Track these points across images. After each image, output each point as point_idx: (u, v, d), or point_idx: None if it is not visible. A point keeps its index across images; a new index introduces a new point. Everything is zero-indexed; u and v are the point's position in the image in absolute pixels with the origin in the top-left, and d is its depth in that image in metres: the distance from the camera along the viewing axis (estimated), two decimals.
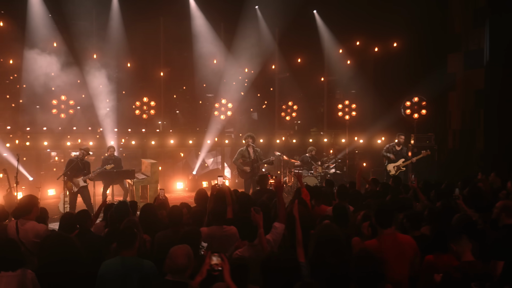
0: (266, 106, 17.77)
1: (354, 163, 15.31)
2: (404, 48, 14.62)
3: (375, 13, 14.09)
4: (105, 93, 13.26)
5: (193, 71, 15.67)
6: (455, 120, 14.64)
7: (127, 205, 5.59)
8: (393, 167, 12.32)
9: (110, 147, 11.43)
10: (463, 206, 5.63)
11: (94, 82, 13.20)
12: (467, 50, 14.03)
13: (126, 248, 4.13)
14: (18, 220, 5.26)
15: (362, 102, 15.05)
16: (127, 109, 13.72)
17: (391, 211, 4.44)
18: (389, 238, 4.28)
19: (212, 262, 3.17)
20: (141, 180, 11.14)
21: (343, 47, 15.66)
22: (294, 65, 16.19)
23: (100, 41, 13.64)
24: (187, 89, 17.99)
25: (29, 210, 5.29)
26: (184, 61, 15.84)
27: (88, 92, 13.29)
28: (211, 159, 16.47)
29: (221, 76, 15.64)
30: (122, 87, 13.57)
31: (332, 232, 4.07)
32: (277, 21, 14.58)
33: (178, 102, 17.66)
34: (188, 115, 17.58)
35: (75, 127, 13.84)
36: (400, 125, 13.67)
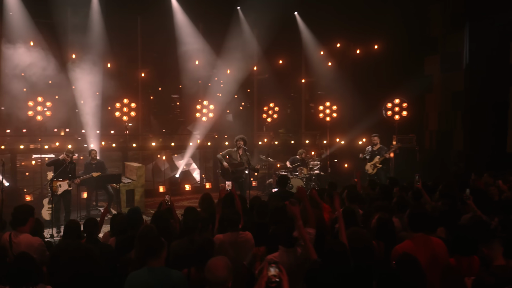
0: (243, 107, 17.68)
1: (336, 164, 15.41)
2: (385, 50, 14.83)
3: (356, 16, 14.23)
4: (85, 94, 12.80)
5: (171, 72, 15.42)
6: (432, 121, 14.97)
7: (140, 212, 5.36)
8: (370, 166, 12.50)
9: (92, 151, 11.03)
10: (474, 207, 5.68)
11: (73, 83, 12.75)
12: (444, 53, 14.37)
13: (154, 258, 3.90)
14: (12, 232, 4.92)
15: (343, 103, 15.18)
16: (108, 110, 13.32)
17: (425, 214, 4.43)
18: (421, 241, 4.26)
19: (269, 273, 3.05)
20: (127, 184, 10.82)
21: (324, 49, 15.75)
22: (275, 67, 16.16)
23: (79, 41, 13.15)
24: (165, 90, 17.71)
25: (24, 221, 4.95)
26: (163, 62, 15.57)
27: (67, 93, 12.83)
28: (181, 161, 16.25)
29: (201, 77, 15.48)
30: (102, 88, 13.13)
31: (363, 236, 4.09)
32: (258, 22, 14.50)
33: (154, 104, 17.36)
34: (162, 117, 17.35)
35: (54, 129, 13.34)
36: (382, 126, 13.83)
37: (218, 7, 14.23)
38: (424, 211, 4.48)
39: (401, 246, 4.26)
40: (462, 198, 5.93)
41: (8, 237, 4.79)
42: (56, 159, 9.65)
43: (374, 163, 12.36)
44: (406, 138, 13.46)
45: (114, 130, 14.52)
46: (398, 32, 14.01)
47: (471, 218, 5.33)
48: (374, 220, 5.25)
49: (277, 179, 8.40)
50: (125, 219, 5.35)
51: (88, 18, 13.32)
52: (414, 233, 4.35)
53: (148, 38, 15.02)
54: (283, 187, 7.97)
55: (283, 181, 8.09)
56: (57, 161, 9.57)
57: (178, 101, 18.38)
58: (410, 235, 4.38)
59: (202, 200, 6.69)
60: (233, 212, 5.33)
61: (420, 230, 4.34)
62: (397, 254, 4.17)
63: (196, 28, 14.70)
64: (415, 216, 4.36)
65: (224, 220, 5.26)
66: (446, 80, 14.29)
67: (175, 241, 4.93)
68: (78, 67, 12.75)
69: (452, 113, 14.22)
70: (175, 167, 15.83)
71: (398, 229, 5.36)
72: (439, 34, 14.48)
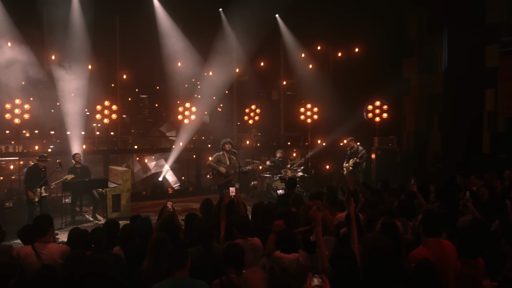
0: (221, 109, 17.61)
1: (318, 165, 15.56)
2: (365, 53, 15.05)
3: (337, 20, 14.42)
4: (66, 96, 12.49)
5: (149, 73, 15.24)
6: (409, 122, 15.31)
7: (150, 222, 5.25)
8: (344, 167, 12.78)
9: (76, 154, 10.76)
10: (473, 209, 5.84)
11: (52, 84, 12.43)
12: (421, 56, 14.73)
13: (178, 268, 3.83)
14: (34, 244, 4.77)
15: (324, 105, 15.35)
16: (91, 113, 13.06)
17: (439, 219, 4.53)
18: (435, 246, 4.36)
19: (313, 283, 3.04)
20: (113, 188, 10.60)
21: (305, 52, 15.87)
22: (257, 69, 16.18)
23: (59, 41, 12.82)
24: (142, 91, 17.51)
25: (46, 231, 4.83)
26: (142, 63, 15.36)
27: (45, 95, 12.49)
28: (153, 162, 16.09)
29: (182, 79, 15.35)
30: (83, 90, 12.83)
31: (385, 242, 4.16)
32: (241, 24, 14.46)
33: (129, 106, 17.15)
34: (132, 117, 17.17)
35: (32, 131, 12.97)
36: (363, 128, 14.08)
37: (201, 9, 14.13)
38: (438, 217, 4.57)
39: (417, 252, 4.35)
40: (461, 200, 6.07)
41: (33, 249, 4.63)
42: (30, 171, 9.30)
43: (348, 165, 12.65)
44: (386, 139, 13.72)
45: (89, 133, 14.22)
46: (378, 35, 14.24)
47: (472, 220, 5.47)
48: (378, 225, 5.34)
49: (286, 181, 8.48)
50: (133, 229, 5.25)
51: (68, 19, 12.99)
52: (427, 238, 4.43)
53: (127, 39, 14.77)
54: (291, 190, 8.01)
55: (292, 184, 8.16)
56: (31, 171, 9.24)
57: (147, 101, 18.22)
58: (409, 237, 4.45)
59: (203, 206, 6.62)
60: (242, 218, 5.31)
61: (433, 235, 4.43)
62: (414, 259, 4.26)
63: (178, 29, 14.54)
64: (429, 222, 4.44)
65: (234, 227, 5.23)
66: (423, 83, 14.63)
67: (190, 249, 4.86)
68: (59, 68, 12.42)
69: (429, 114, 14.59)
70: (147, 169, 15.64)
71: (401, 232, 5.48)
72: (416, 38, 14.83)
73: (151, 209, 12.10)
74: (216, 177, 10.40)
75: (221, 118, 16.79)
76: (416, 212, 6.41)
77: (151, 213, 11.52)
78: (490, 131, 12.70)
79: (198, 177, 15.04)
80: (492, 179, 8.90)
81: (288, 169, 13.10)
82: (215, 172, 10.38)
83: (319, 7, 14.11)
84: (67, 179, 9.76)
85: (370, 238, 4.39)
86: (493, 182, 8.72)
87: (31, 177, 9.09)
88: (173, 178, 15.65)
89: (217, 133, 15.40)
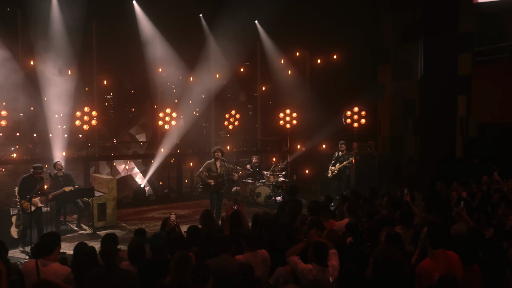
0: (198, 113, 17.58)
1: (298, 170, 15.79)
2: (343, 60, 15.37)
3: (316, 26, 14.67)
4: (49, 100, 12.26)
5: (127, 77, 15.10)
6: (384, 127, 15.72)
7: (164, 238, 5.23)
8: (330, 170, 13.08)
9: (57, 163, 10.48)
10: (467, 218, 6.11)
11: (34, 90, 12.18)
12: (395, 63, 15.16)
13: (202, 285, 3.94)
14: (38, 259, 4.77)
15: (303, 111, 15.58)
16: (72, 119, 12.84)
17: (444, 231, 4.75)
18: (441, 257, 4.56)
19: None
20: (98, 197, 10.46)
21: (284, 58, 16.06)
22: (236, 74, 16.27)
23: (37, 45, 12.54)
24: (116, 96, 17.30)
25: (52, 249, 4.81)
26: (120, 68, 15.21)
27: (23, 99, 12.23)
28: (122, 165, 15.96)
29: (159, 84, 15.30)
30: (64, 96, 12.59)
31: (396, 253, 4.34)
32: (220, 29, 14.52)
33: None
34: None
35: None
36: (342, 133, 14.36)
37: (181, 14, 14.11)
38: (444, 229, 4.79)
39: (425, 264, 4.53)
40: (456, 208, 6.32)
41: (35, 265, 4.61)
42: (24, 181, 9.02)
43: (333, 168, 12.94)
44: (365, 145, 14.04)
45: (73, 139, 13.97)
46: (355, 43, 14.58)
47: (469, 229, 5.74)
48: (382, 236, 5.50)
49: (288, 189, 8.61)
50: (142, 243, 5.24)
51: (46, 22, 12.74)
52: (434, 250, 4.62)
53: (105, 44, 14.56)
54: (292, 197, 8.13)
55: (293, 191, 8.28)
56: (26, 181, 8.99)
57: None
58: (410, 248, 4.64)
59: (204, 217, 6.65)
60: (251, 231, 5.40)
61: (440, 247, 4.63)
62: (422, 271, 4.47)
63: (158, 34, 14.46)
64: (435, 234, 4.63)
65: (243, 240, 5.30)
66: (397, 89, 15.05)
67: (208, 260, 4.91)
68: (39, 72, 12.19)
69: (404, 120, 15.03)
70: (116, 172, 15.48)
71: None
72: (391, 45, 15.25)
73: (135, 216, 12.01)
74: (206, 186, 10.43)
75: (198, 123, 16.80)
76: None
77: (136, 221, 11.47)
78: (463, 136, 13.18)
79: (179, 182, 14.97)
80: (471, 185, 9.30)
81: (270, 175, 13.23)
82: (204, 183, 10.45)
83: (298, 14, 14.31)
84: (65, 191, 9.58)
85: (380, 250, 4.55)
86: (472, 188, 9.13)
87: (24, 187, 8.80)
88: (141, 180, 15.55)
89: (194, 137, 15.45)
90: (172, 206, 13.34)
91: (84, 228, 10.46)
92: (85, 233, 10.20)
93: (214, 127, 16.92)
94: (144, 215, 12.20)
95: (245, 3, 13.33)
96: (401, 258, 4.34)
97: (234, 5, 13.33)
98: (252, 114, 17.81)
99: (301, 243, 4.97)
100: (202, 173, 10.46)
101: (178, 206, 13.16)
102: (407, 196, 7.07)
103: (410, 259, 5.19)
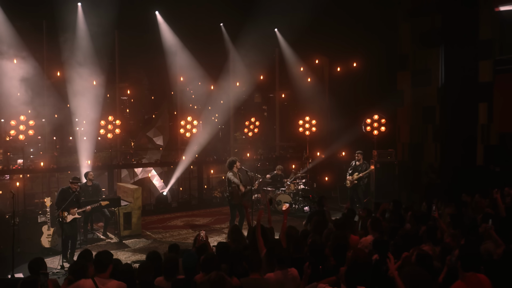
0: (217, 119, 17.74)
1: (317, 177, 15.88)
2: (362, 67, 15.41)
3: (335, 34, 14.74)
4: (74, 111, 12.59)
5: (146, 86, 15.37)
6: (403, 134, 15.71)
7: (196, 257, 5.37)
8: (348, 180, 13.15)
9: (88, 173, 10.81)
10: (495, 236, 6.04)
11: (59, 99, 12.49)
12: (414, 69, 15.14)
13: None
14: (95, 277, 4.91)
15: (322, 118, 15.67)
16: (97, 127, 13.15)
17: (478, 255, 4.81)
18: (473, 281, 4.60)
19: None
20: (124, 207, 10.70)
21: (304, 65, 16.18)
22: (256, 81, 16.44)
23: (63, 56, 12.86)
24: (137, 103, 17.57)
25: (106, 267, 4.97)
26: (141, 76, 15.50)
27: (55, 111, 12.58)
28: (140, 168, 16.15)
29: (182, 91, 15.54)
30: (89, 105, 12.89)
31: (426, 277, 4.44)
32: (241, 38, 14.70)
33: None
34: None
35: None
36: (362, 141, 14.43)
37: (202, 24, 14.31)
38: (477, 252, 4.85)
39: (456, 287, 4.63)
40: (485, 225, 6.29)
41: (94, 284, 4.77)
42: (63, 192, 9.22)
43: (352, 179, 13.00)
44: (385, 153, 14.06)
45: (97, 147, 14.26)
46: (374, 50, 14.63)
47: (505, 251, 5.65)
48: (413, 256, 5.52)
49: (317, 199, 8.77)
50: (177, 260, 5.39)
51: (74, 32, 13.04)
52: (465, 273, 4.66)
53: (127, 52, 14.81)
54: (321, 207, 8.29)
55: (322, 202, 8.42)
56: (64, 193, 9.20)
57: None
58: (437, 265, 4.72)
59: (232, 232, 6.76)
60: (284, 251, 5.49)
61: (471, 269, 4.66)
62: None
63: (180, 43, 14.68)
64: (468, 257, 4.68)
65: (275, 259, 5.37)
66: (417, 95, 15.03)
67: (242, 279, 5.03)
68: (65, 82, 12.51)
69: (423, 126, 15.01)
70: (134, 174, 15.64)
71: None
72: (410, 51, 15.24)
73: (159, 224, 12.24)
74: (236, 196, 10.22)
75: (217, 130, 17.00)
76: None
77: (160, 229, 11.69)
78: (484, 143, 13.13)
79: (200, 189, 15.17)
80: (493, 196, 9.24)
81: (291, 183, 13.36)
82: (234, 188, 10.22)
83: (316, 22, 14.39)
84: (102, 204, 9.84)
85: (409, 272, 4.63)
86: (495, 199, 9.07)
87: (63, 198, 9.04)
88: (160, 183, 15.77)
89: (214, 144, 15.66)
90: (194, 213, 13.56)
91: (111, 237, 10.72)
92: (112, 242, 10.44)
93: (233, 135, 17.11)
94: (167, 223, 12.42)
95: (265, 12, 13.52)
96: (430, 282, 4.44)
97: (254, 14, 13.51)
98: (268, 117, 17.92)
99: (333, 277, 5.03)
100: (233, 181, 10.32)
101: (200, 214, 13.37)
102: (435, 212, 7.02)
103: (437, 276, 5.25)
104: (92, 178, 10.63)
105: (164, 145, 16.65)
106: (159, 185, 15.72)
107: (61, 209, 8.73)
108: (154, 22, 14.39)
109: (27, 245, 9.90)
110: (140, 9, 13.78)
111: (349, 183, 13.11)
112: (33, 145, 13.75)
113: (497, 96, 12.34)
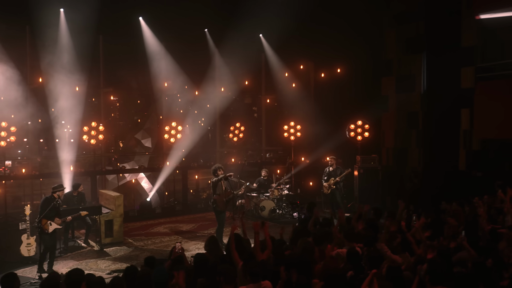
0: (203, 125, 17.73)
1: (301, 183, 15.92)
2: (347, 73, 15.48)
3: (320, 39, 14.79)
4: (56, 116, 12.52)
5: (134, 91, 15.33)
6: (388, 139, 15.80)
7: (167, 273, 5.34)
8: (325, 186, 13.19)
9: (80, 186, 10.88)
10: (468, 247, 6.16)
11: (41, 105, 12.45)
12: (399, 75, 15.23)
13: None
14: None
15: (307, 123, 15.71)
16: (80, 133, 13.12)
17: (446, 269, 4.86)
18: None
19: None
20: (106, 214, 10.65)
21: (289, 71, 16.23)
22: (241, 87, 16.46)
23: (45, 60, 12.78)
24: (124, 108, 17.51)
25: (79, 284, 4.85)
26: (126, 83, 15.48)
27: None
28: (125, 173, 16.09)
29: (166, 96, 15.52)
30: (72, 110, 12.84)
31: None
32: (225, 43, 14.70)
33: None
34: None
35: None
36: (346, 146, 14.50)
37: (186, 29, 14.28)
38: (444, 267, 4.90)
39: None
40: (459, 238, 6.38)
41: None
42: (47, 201, 9.05)
43: (329, 184, 13.06)
44: (368, 158, 14.13)
45: (80, 153, 14.20)
46: (359, 56, 14.70)
47: (472, 260, 5.74)
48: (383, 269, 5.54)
49: (307, 205, 8.77)
50: (151, 275, 5.38)
51: (56, 37, 12.97)
52: (433, 287, 4.70)
53: (111, 58, 14.76)
54: (310, 214, 8.30)
55: (311, 208, 8.45)
56: (48, 202, 9.04)
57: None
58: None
59: (208, 244, 6.75)
60: (256, 265, 5.48)
61: (439, 284, 4.70)
62: None
63: (163, 48, 14.66)
64: (436, 272, 4.74)
65: (248, 273, 5.38)
66: (401, 101, 15.12)
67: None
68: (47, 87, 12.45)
69: (408, 131, 15.10)
70: (122, 176, 15.59)
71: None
72: (394, 57, 15.33)
73: (141, 231, 12.18)
74: (220, 203, 10.26)
75: (203, 135, 16.97)
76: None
77: (142, 236, 11.65)
78: (466, 149, 13.25)
79: (184, 194, 15.13)
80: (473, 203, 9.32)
81: (275, 188, 13.38)
82: (219, 196, 10.26)
83: (302, 27, 14.44)
84: (82, 215, 9.82)
85: None
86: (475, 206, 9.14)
87: (46, 207, 8.92)
88: (149, 185, 15.72)
89: (199, 150, 15.64)
90: (178, 219, 13.52)
91: (92, 245, 10.66)
92: (93, 250, 10.38)
93: (219, 140, 17.10)
94: (150, 229, 12.37)
95: (250, 17, 13.50)
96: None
97: (238, 19, 13.49)
98: (257, 120, 17.93)
99: None
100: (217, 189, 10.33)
101: (183, 220, 13.35)
102: (416, 223, 7.05)
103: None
104: (81, 190, 10.68)
105: (153, 147, 16.61)
106: (147, 187, 15.67)
107: (43, 218, 8.65)
108: (138, 28, 14.32)
109: (7, 253, 9.84)
110: (124, 14, 13.70)
111: (325, 190, 13.15)
112: (21, 146, 13.65)
113: (478, 104, 12.45)
